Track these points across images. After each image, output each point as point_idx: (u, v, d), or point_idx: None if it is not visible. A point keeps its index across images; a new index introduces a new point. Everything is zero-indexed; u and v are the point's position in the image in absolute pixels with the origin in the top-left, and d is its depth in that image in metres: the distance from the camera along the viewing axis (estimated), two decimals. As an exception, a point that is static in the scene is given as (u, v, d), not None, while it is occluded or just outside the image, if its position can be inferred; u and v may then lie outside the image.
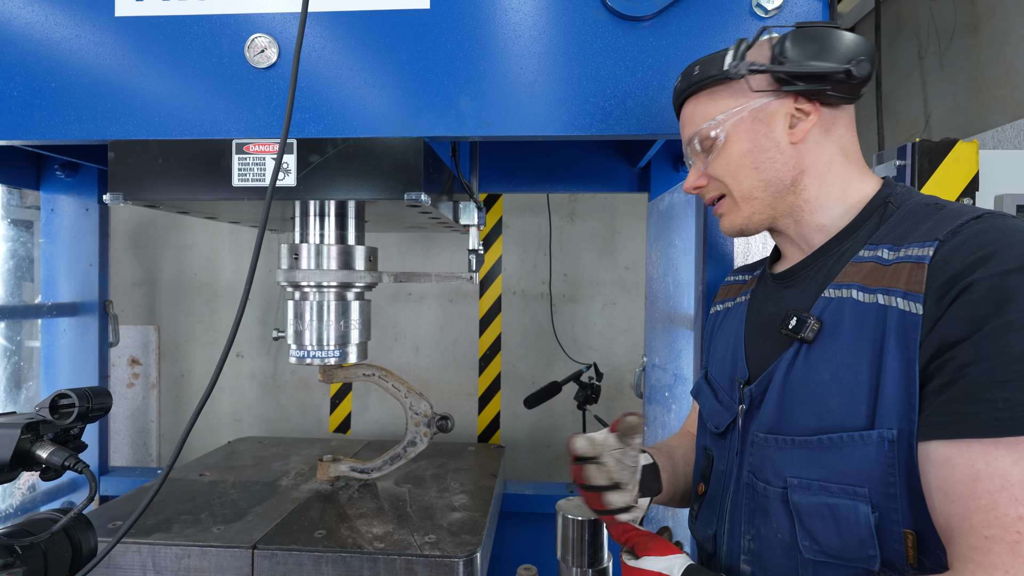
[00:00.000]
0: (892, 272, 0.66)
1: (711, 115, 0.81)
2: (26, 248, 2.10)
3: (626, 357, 2.72)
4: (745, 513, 0.78)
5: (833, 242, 0.78)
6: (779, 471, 0.72)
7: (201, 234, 2.83)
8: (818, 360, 0.71)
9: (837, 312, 0.70)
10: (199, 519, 1.37)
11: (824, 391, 0.69)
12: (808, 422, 0.70)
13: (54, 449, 0.62)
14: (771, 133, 0.78)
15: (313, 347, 1.39)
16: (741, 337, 0.88)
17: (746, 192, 0.81)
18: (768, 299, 0.87)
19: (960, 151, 1.12)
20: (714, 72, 0.80)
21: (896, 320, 0.63)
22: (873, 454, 0.64)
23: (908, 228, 0.69)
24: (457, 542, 1.27)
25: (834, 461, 0.67)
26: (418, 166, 1.14)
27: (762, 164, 0.78)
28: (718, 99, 0.81)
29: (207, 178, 1.18)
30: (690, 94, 0.85)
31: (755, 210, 0.81)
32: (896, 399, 0.63)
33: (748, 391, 0.80)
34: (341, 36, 1.15)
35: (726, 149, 0.80)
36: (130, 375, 2.85)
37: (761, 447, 0.75)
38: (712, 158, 0.82)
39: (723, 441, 0.85)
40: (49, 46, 1.19)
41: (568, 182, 1.96)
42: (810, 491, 0.69)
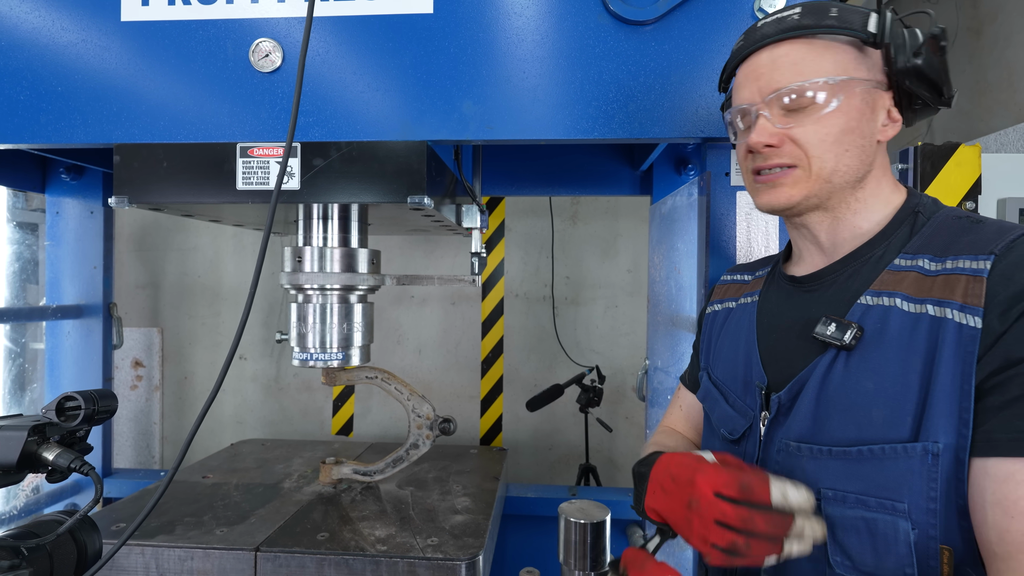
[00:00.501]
0: (942, 283, 0.65)
1: (825, 71, 0.72)
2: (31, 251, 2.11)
3: (628, 360, 2.72)
4: None
5: (864, 248, 0.75)
6: (812, 482, 0.69)
7: (204, 237, 2.84)
8: (860, 368, 0.68)
9: (880, 320, 0.68)
10: (202, 521, 1.37)
11: (866, 400, 0.66)
12: (846, 432, 0.68)
13: (60, 451, 0.63)
14: (872, 121, 0.73)
15: (316, 350, 1.39)
16: (754, 340, 0.85)
17: (827, 172, 0.73)
18: (786, 302, 0.84)
19: (962, 155, 1.12)
20: (854, 25, 0.71)
21: (952, 333, 0.62)
22: (916, 467, 0.62)
23: (947, 240, 0.68)
24: (459, 545, 1.27)
25: (874, 473, 0.65)
26: (421, 170, 1.15)
27: (852, 149, 0.73)
28: (833, 55, 0.72)
29: (211, 181, 1.19)
30: (794, 36, 0.73)
31: (819, 191, 0.75)
32: (946, 412, 0.61)
33: (776, 398, 0.76)
34: (345, 41, 1.15)
35: (829, 118, 0.72)
36: (133, 377, 2.86)
37: (793, 456, 0.73)
38: (802, 120, 0.73)
39: (737, 447, 0.83)
40: (56, 50, 1.20)
41: (570, 185, 1.96)
42: (846, 504, 0.66)
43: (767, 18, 0.78)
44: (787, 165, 0.75)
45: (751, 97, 0.77)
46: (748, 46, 0.78)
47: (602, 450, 2.73)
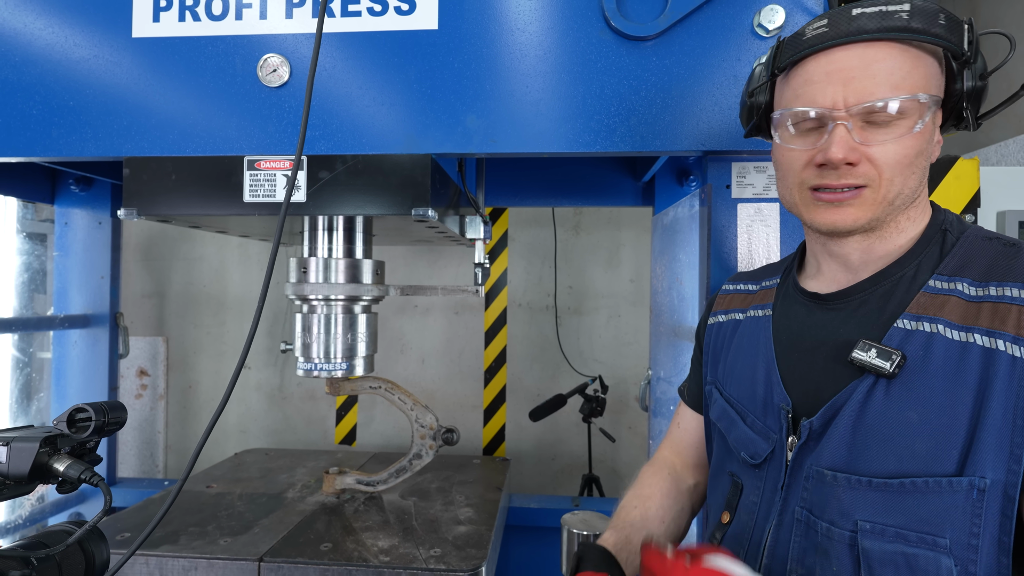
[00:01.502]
0: (989, 312, 0.62)
1: (922, 86, 0.66)
2: (40, 261, 2.13)
3: (631, 370, 2.72)
4: (796, 551, 0.71)
5: (894, 267, 0.72)
6: (848, 512, 0.66)
7: (210, 247, 2.87)
8: (902, 397, 0.65)
9: (924, 347, 0.65)
10: (206, 531, 1.37)
11: (909, 431, 0.64)
12: (886, 464, 0.64)
13: (71, 463, 0.64)
14: (932, 142, 0.70)
15: (320, 359, 1.40)
16: (772, 358, 0.80)
17: (893, 195, 0.68)
18: (807, 319, 0.79)
19: (961, 168, 1.13)
20: (953, 38, 0.65)
21: (1005, 365, 0.60)
22: (961, 503, 0.60)
23: (986, 264, 0.66)
24: (462, 556, 1.27)
25: (915, 507, 0.62)
26: (425, 182, 1.16)
27: (918, 171, 0.69)
28: (926, 69, 0.66)
29: (219, 194, 1.21)
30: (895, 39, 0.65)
31: (881, 214, 0.70)
32: (995, 447, 0.59)
33: (807, 423, 0.71)
34: (352, 56, 1.18)
35: (911, 139, 0.66)
36: (138, 386, 2.88)
37: (827, 485, 0.69)
38: (883, 137, 0.66)
39: (758, 472, 0.78)
40: (68, 66, 1.23)
41: (573, 196, 1.97)
42: (884, 538, 0.63)
43: (864, 7, 0.66)
44: (858, 186, 0.69)
45: (833, 102, 0.67)
46: (835, 37, 0.67)
47: (605, 460, 2.72)
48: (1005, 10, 2.15)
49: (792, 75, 0.73)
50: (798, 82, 0.71)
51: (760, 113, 0.81)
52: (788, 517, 0.73)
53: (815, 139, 0.70)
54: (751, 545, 0.77)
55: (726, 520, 0.83)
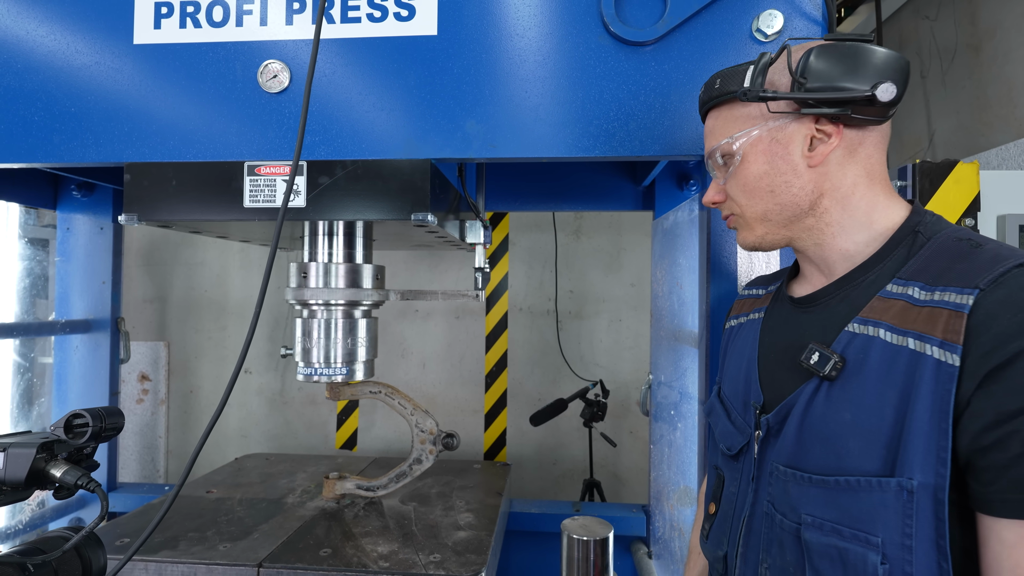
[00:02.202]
0: (927, 316, 0.63)
1: (730, 131, 0.79)
2: (41, 266, 2.14)
3: (632, 374, 2.71)
4: (763, 542, 0.76)
5: (858, 271, 0.74)
6: (795, 506, 0.71)
7: (211, 252, 2.88)
8: (840, 399, 0.68)
9: (862, 351, 0.67)
10: (205, 536, 1.37)
11: (844, 431, 0.67)
12: (826, 461, 0.68)
13: (68, 468, 0.64)
14: (788, 156, 0.75)
15: (320, 364, 1.40)
16: (755, 359, 0.85)
17: (759, 214, 0.79)
18: (785, 322, 0.84)
19: (961, 172, 1.13)
20: (732, 88, 0.78)
21: (930, 369, 0.60)
22: (890, 502, 0.62)
23: (942, 267, 0.66)
24: (462, 561, 1.26)
25: (849, 504, 0.65)
26: (425, 187, 1.17)
27: (778, 187, 0.76)
28: (737, 114, 0.79)
29: (219, 199, 1.21)
30: (712, 106, 0.83)
31: (768, 231, 0.80)
32: (921, 450, 0.60)
33: (765, 420, 0.77)
34: (351, 62, 1.18)
35: (742, 169, 0.79)
36: (140, 391, 2.88)
37: (781, 480, 0.74)
38: (729, 176, 0.81)
39: (736, 463, 0.84)
40: (70, 73, 1.24)
41: (574, 200, 1.97)
42: (822, 531, 0.67)
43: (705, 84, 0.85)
44: (732, 214, 0.84)
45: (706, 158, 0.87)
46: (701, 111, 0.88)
47: (606, 465, 2.71)
48: (1006, 13, 2.15)
49: None
50: None
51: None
52: (759, 508, 0.78)
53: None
54: (731, 533, 0.82)
55: (712, 511, 0.88)
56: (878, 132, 0.74)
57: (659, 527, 1.74)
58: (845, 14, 3.03)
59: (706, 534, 0.89)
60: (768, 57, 0.76)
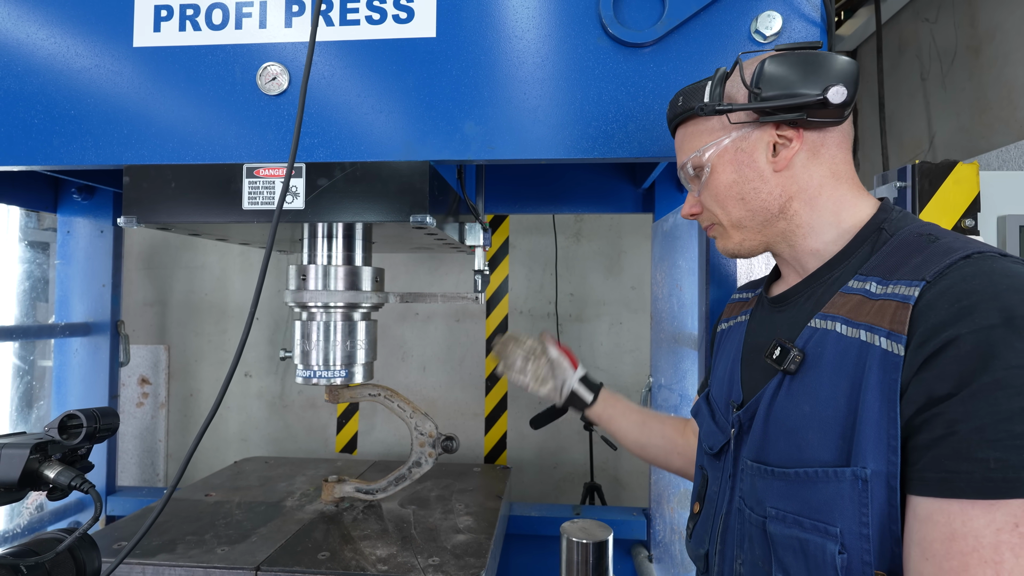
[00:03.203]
0: (878, 309, 0.65)
1: (697, 145, 0.83)
2: (42, 269, 2.14)
3: (633, 377, 2.71)
4: (736, 537, 0.78)
5: (824, 269, 0.77)
6: (761, 500, 0.73)
7: (212, 255, 2.88)
8: (799, 392, 0.70)
9: (820, 344, 0.69)
10: (203, 540, 1.36)
11: (804, 423, 0.69)
12: (789, 453, 0.70)
13: (61, 469, 0.63)
14: (754, 163, 0.78)
15: (319, 367, 1.40)
16: (738, 359, 0.88)
17: (734, 221, 0.82)
18: (763, 322, 0.86)
19: (960, 173, 1.12)
20: (692, 104, 0.81)
21: (878, 359, 0.62)
22: (847, 491, 0.63)
23: (899, 261, 0.68)
24: (461, 565, 1.25)
25: (808, 495, 0.67)
26: (424, 189, 1.17)
27: (747, 194, 0.79)
28: (702, 128, 0.82)
29: (218, 201, 1.21)
30: (678, 123, 0.87)
31: (745, 237, 0.83)
32: (873, 438, 0.61)
33: (736, 417, 0.80)
34: (350, 64, 1.18)
35: (712, 179, 0.82)
36: (140, 394, 2.88)
37: (748, 475, 0.76)
38: (702, 187, 0.84)
39: (717, 462, 0.86)
40: (70, 76, 1.24)
41: (573, 203, 1.97)
42: (785, 523, 0.69)
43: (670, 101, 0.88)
44: (711, 224, 0.87)
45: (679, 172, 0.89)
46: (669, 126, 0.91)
47: (607, 468, 2.70)
48: (1005, 15, 2.15)
49: None
50: None
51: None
52: (734, 505, 0.79)
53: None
54: (712, 531, 0.84)
55: (696, 510, 0.89)
56: (839, 132, 0.77)
57: (660, 531, 1.73)
58: (845, 16, 3.04)
59: (690, 533, 0.91)
60: (723, 71, 0.80)
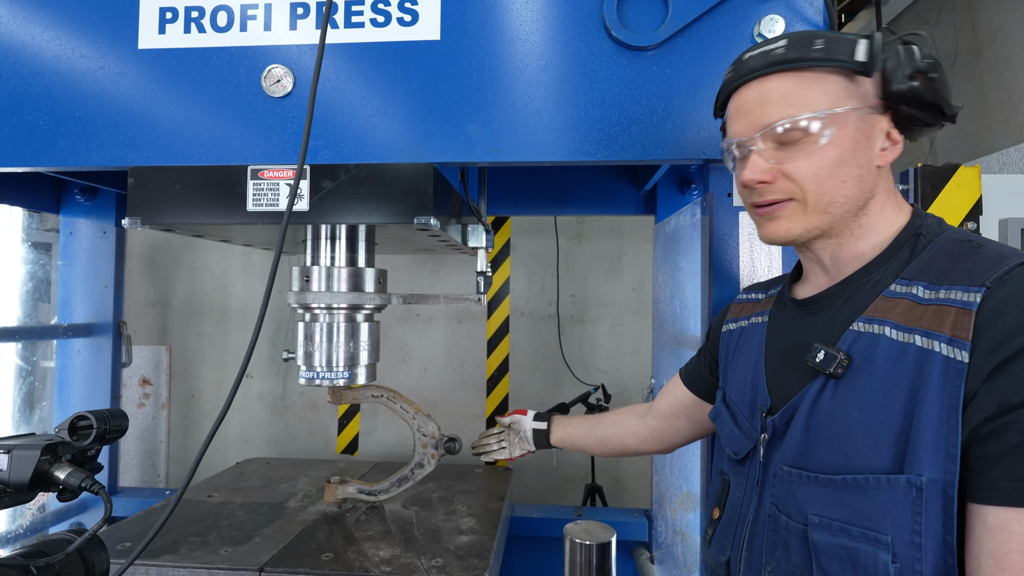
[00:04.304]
0: (932, 314, 0.63)
1: (815, 104, 0.70)
2: (44, 270, 2.15)
3: (634, 378, 2.71)
4: (766, 544, 0.75)
5: (863, 272, 0.74)
6: (801, 507, 0.70)
7: (214, 256, 2.88)
8: (846, 396, 0.68)
9: (868, 348, 0.67)
10: (207, 541, 1.37)
11: (852, 428, 0.66)
12: (834, 459, 0.68)
13: (72, 470, 0.64)
14: (869, 149, 0.72)
15: (322, 368, 1.40)
16: (761, 363, 0.84)
17: (823, 204, 0.72)
18: (790, 325, 0.83)
19: (962, 176, 1.13)
20: (842, 56, 0.69)
21: (939, 366, 0.61)
22: (900, 499, 0.61)
23: (944, 266, 0.67)
24: (464, 566, 1.26)
25: (857, 503, 0.64)
26: (428, 191, 1.17)
27: (850, 179, 0.72)
28: (823, 87, 0.71)
29: (222, 203, 1.21)
30: (782, 69, 0.72)
31: (820, 224, 0.74)
32: (931, 446, 0.60)
33: (771, 421, 0.77)
34: (355, 67, 1.19)
35: (822, 151, 0.71)
36: (141, 395, 2.88)
37: (785, 480, 0.73)
38: (795, 154, 0.72)
39: (741, 468, 0.83)
40: (75, 77, 1.24)
41: (575, 205, 1.98)
42: (830, 531, 0.66)
43: (754, 50, 0.76)
44: (783, 200, 0.75)
45: (743, 131, 0.77)
46: (736, 79, 0.78)
47: (608, 470, 2.70)
48: (1005, 19, 2.16)
49: (726, 114, 0.84)
50: (727, 120, 0.83)
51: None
52: (763, 511, 0.77)
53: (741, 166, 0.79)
54: (735, 538, 0.81)
55: (716, 516, 0.87)
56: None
57: (661, 532, 1.73)
58: (845, 19, 3.05)
59: (709, 539, 0.88)
60: (886, 34, 0.69)
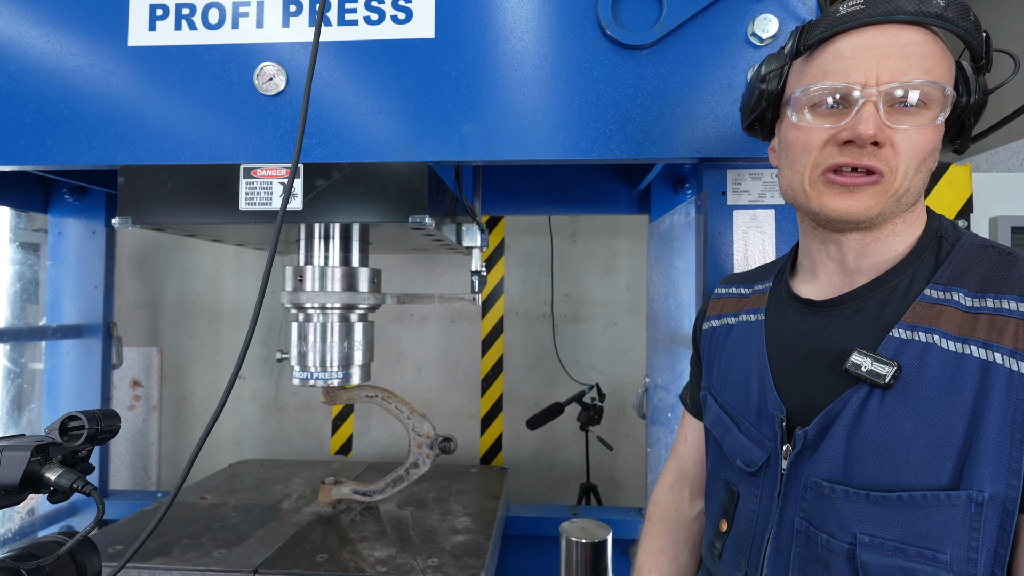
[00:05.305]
0: (987, 324, 0.62)
1: (946, 77, 0.65)
2: (32, 271, 2.12)
3: (629, 378, 2.71)
4: (797, 562, 0.71)
5: (890, 274, 0.71)
6: (846, 525, 0.65)
7: (205, 256, 2.86)
8: (897, 408, 0.64)
9: (919, 358, 0.64)
10: (200, 543, 1.35)
11: (904, 442, 0.63)
12: (883, 476, 0.64)
13: (63, 471, 0.63)
14: (941, 138, 0.69)
15: (316, 368, 1.39)
16: (766, 364, 0.79)
17: (902, 190, 0.67)
18: (799, 326, 0.78)
19: (953, 174, 1.14)
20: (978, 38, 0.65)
21: (1003, 379, 0.59)
22: (959, 516, 0.59)
23: (984, 274, 0.65)
24: (460, 566, 1.25)
25: (913, 521, 0.61)
26: (422, 190, 1.17)
27: (925, 171, 0.68)
28: (949, 63, 0.66)
29: (215, 202, 1.20)
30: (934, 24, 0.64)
31: (888, 210, 0.68)
32: (992, 461, 0.58)
33: (802, 433, 0.70)
34: (348, 65, 1.18)
35: (930, 131, 0.66)
36: (131, 397, 2.85)
37: (825, 497, 0.68)
38: (910, 124, 0.65)
39: (754, 479, 0.78)
40: (63, 75, 1.23)
41: (570, 204, 1.98)
42: (883, 551, 0.62)
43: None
44: (879, 170, 0.66)
45: (865, 78, 0.65)
46: (873, 15, 0.65)
47: (603, 469, 2.71)
48: (995, 20, 2.18)
49: (818, 54, 0.70)
50: (827, 59, 0.69)
51: (771, 100, 0.77)
52: (787, 526, 0.72)
53: (837, 118, 0.68)
54: (752, 553, 0.77)
55: (724, 528, 0.82)
56: None
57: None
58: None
59: (718, 554, 0.83)
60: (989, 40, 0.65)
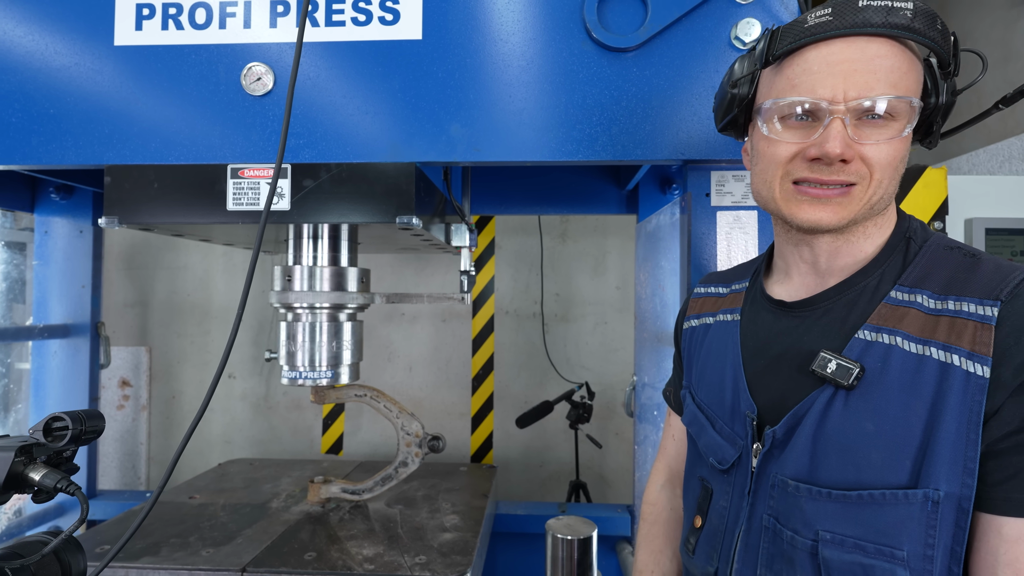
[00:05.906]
0: (947, 326, 0.62)
1: (913, 89, 0.66)
2: (19, 270, 2.11)
3: (618, 376, 2.73)
4: (764, 557, 0.72)
5: (858, 276, 0.72)
6: (810, 523, 0.67)
7: (194, 255, 2.84)
8: (860, 408, 0.65)
9: (882, 359, 0.65)
10: (188, 542, 1.36)
11: (866, 442, 0.64)
12: (845, 474, 0.65)
13: (47, 472, 0.63)
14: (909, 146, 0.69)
15: (305, 368, 1.40)
16: (740, 364, 0.80)
17: (876, 198, 0.68)
18: (772, 327, 0.79)
19: (930, 177, 1.17)
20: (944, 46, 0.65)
21: (959, 380, 0.60)
22: (916, 514, 0.60)
23: (948, 275, 0.66)
24: (448, 563, 1.26)
25: (872, 519, 0.63)
26: (410, 190, 1.17)
27: (897, 178, 0.69)
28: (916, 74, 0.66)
29: (202, 202, 1.20)
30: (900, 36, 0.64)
31: (860, 215, 0.69)
32: (948, 460, 0.60)
33: (770, 432, 0.72)
34: (336, 65, 1.18)
35: (899, 143, 0.66)
36: (120, 397, 2.83)
37: (791, 495, 0.69)
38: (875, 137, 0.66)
39: (726, 476, 0.79)
40: (48, 74, 1.22)
41: (558, 204, 1.99)
42: (843, 548, 0.64)
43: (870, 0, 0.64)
44: (851, 183, 0.67)
45: (832, 93, 0.65)
46: (840, 27, 0.64)
47: (592, 466, 2.73)
48: (975, 22, 2.22)
49: (787, 64, 0.70)
50: (795, 71, 0.68)
51: (742, 105, 0.77)
52: (756, 523, 0.74)
53: (806, 132, 0.68)
54: (723, 549, 0.78)
55: (699, 524, 0.84)
56: None
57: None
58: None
59: (691, 549, 0.85)
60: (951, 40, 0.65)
